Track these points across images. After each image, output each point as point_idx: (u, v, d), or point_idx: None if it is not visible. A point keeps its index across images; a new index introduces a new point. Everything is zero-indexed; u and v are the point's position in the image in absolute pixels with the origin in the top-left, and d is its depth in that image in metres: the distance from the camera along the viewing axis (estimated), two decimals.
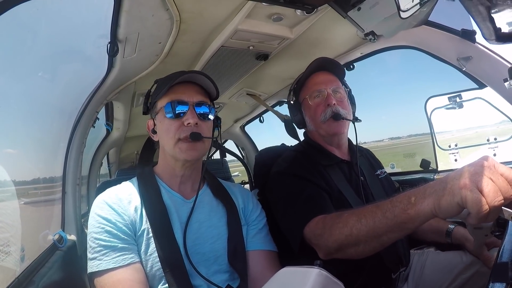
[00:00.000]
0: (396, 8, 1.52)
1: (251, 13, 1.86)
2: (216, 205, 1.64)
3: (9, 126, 1.90)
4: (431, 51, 2.20)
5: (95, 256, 1.34)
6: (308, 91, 1.96)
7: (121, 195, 1.49)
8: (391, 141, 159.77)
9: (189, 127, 1.49)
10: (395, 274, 1.77)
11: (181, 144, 1.49)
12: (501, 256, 0.89)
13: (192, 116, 1.49)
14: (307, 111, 1.99)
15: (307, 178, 1.74)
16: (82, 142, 2.44)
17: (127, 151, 5.57)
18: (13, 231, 1.72)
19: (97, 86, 2.30)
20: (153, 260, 1.39)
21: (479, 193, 0.88)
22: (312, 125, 1.99)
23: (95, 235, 1.37)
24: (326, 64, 2.00)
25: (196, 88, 1.58)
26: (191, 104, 1.52)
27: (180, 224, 1.48)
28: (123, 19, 1.70)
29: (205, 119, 1.56)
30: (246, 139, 4.93)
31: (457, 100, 2.59)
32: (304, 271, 0.81)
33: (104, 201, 1.45)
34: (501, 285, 0.77)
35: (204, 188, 1.69)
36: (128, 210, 1.44)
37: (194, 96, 1.54)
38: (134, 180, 1.63)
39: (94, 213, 1.42)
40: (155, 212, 1.46)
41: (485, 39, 1.21)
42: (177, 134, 1.49)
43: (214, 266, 1.49)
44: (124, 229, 1.39)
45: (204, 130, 1.53)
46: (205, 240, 1.51)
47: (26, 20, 1.69)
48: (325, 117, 1.87)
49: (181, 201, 1.57)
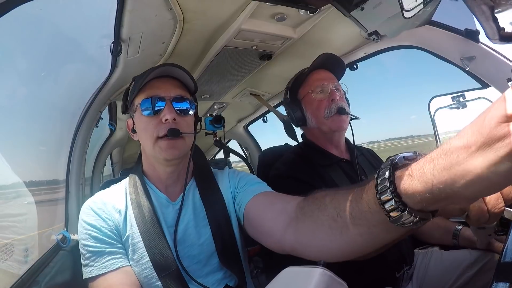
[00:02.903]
0: (399, 8, 1.52)
1: (254, 13, 1.86)
2: (200, 204, 1.55)
3: (12, 126, 1.91)
4: (435, 50, 2.19)
5: (87, 263, 1.34)
6: (311, 87, 1.96)
7: (106, 200, 1.47)
8: (369, 145, 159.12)
9: (167, 124, 1.41)
10: (399, 273, 1.77)
11: (160, 142, 1.42)
12: (505, 256, 0.89)
13: (170, 112, 1.41)
14: (309, 107, 1.99)
15: (306, 181, 1.74)
16: (86, 142, 2.45)
17: (131, 151, 5.58)
18: (16, 231, 1.73)
19: (101, 86, 2.31)
20: (141, 266, 1.37)
21: (481, 201, 0.88)
22: (313, 121, 1.98)
23: (84, 242, 1.37)
24: (330, 61, 2.00)
25: (173, 82, 1.51)
26: (168, 99, 1.44)
27: (167, 227, 1.45)
28: (126, 19, 1.70)
29: (185, 115, 1.48)
30: (249, 139, 4.93)
31: (461, 100, 2.58)
32: (308, 270, 0.81)
33: (89, 207, 1.44)
34: (505, 285, 0.77)
35: (189, 186, 1.60)
36: (112, 215, 1.43)
37: (172, 91, 1.46)
38: (124, 181, 1.60)
39: (81, 219, 1.42)
40: (143, 216, 1.42)
41: (488, 38, 1.20)
42: (155, 132, 1.42)
43: (207, 267, 1.46)
44: (110, 234, 1.38)
45: (183, 126, 1.46)
46: (193, 242, 1.46)
47: (29, 20, 1.69)
48: (330, 113, 1.87)
49: (166, 202, 1.52)
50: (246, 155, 5.05)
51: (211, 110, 3.83)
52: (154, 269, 1.36)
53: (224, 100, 3.59)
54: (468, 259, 1.75)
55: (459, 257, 1.81)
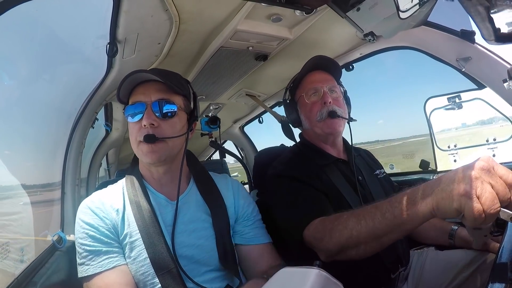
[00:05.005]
0: (395, 8, 1.52)
1: (250, 14, 1.85)
2: (203, 205, 1.59)
3: (8, 127, 1.90)
4: (431, 51, 2.20)
5: (83, 262, 1.36)
6: (304, 89, 1.96)
7: (103, 199, 1.49)
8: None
9: (145, 129, 1.43)
10: (394, 274, 1.77)
11: (141, 146, 1.45)
12: (501, 257, 0.89)
13: (147, 117, 1.43)
14: (303, 110, 1.99)
15: (304, 180, 1.73)
16: (82, 142, 2.44)
17: (126, 152, 5.56)
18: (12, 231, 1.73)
19: (96, 86, 2.30)
20: (138, 264, 1.39)
21: (477, 202, 0.88)
22: (307, 124, 1.98)
23: (80, 241, 1.39)
24: (323, 62, 2.00)
25: (156, 86, 1.50)
26: (148, 104, 1.45)
27: (166, 227, 1.46)
28: (122, 20, 1.69)
29: (168, 117, 1.48)
30: (245, 139, 4.92)
31: (457, 101, 2.59)
32: (304, 271, 0.81)
33: (87, 205, 1.45)
34: (501, 286, 0.77)
35: (190, 187, 1.65)
36: (110, 214, 1.44)
37: (153, 95, 1.47)
38: (121, 181, 1.62)
39: (78, 218, 1.43)
40: (143, 214, 1.44)
41: (484, 39, 1.21)
42: (138, 136, 1.45)
43: (204, 267, 1.48)
44: (107, 233, 1.40)
45: (164, 129, 1.46)
46: (192, 242, 1.48)
47: (24, 21, 1.69)
48: (322, 117, 1.87)
49: (165, 202, 1.54)
50: (242, 156, 5.05)
51: (207, 111, 3.83)
52: (152, 267, 1.37)
53: (220, 101, 3.58)
54: (464, 259, 1.76)
55: (455, 257, 1.81)
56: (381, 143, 42.65)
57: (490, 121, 12.02)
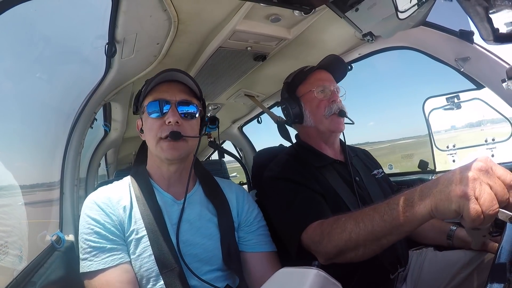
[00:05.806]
0: (394, 9, 1.52)
1: (249, 14, 1.85)
2: (208, 205, 1.63)
3: (6, 127, 1.89)
4: (429, 51, 2.20)
5: (86, 257, 1.36)
6: (313, 85, 1.96)
7: (110, 195, 1.50)
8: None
9: (170, 126, 1.48)
10: (393, 274, 1.77)
11: (162, 143, 1.49)
12: (499, 257, 0.89)
13: (173, 115, 1.48)
14: (308, 105, 1.98)
15: (301, 182, 1.73)
16: (80, 143, 2.44)
17: (125, 152, 5.56)
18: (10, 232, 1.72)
19: (95, 87, 2.30)
20: (142, 260, 1.39)
21: (476, 203, 0.87)
22: (312, 120, 1.98)
23: (85, 236, 1.39)
24: (335, 64, 2.02)
25: (180, 87, 1.58)
26: (173, 102, 1.51)
27: (171, 225, 1.48)
28: (121, 20, 1.69)
29: (189, 118, 1.55)
30: (244, 140, 4.91)
31: (455, 101, 2.59)
32: (302, 271, 0.81)
33: (94, 201, 1.46)
34: (499, 286, 0.77)
35: (195, 188, 1.68)
36: (117, 210, 1.45)
37: (177, 95, 1.53)
38: (127, 179, 1.63)
39: (84, 213, 1.44)
40: (149, 212, 1.46)
41: (483, 39, 1.21)
42: (158, 133, 1.49)
43: (207, 266, 1.49)
44: (113, 230, 1.41)
45: (186, 129, 1.52)
46: (196, 241, 1.50)
47: (23, 21, 1.68)
48: (330, 112, 1.88)
49: (172, 201, 1.56)
50: (240, 156, 5.05)
51: (205, 111, 3.83)
52: (156, 264, 1.38)
53: (218, 101, 3.58)
54: (463, 259, 1.76)
55: (453, 257, 1.81)
56: (370, 145, 42.91)
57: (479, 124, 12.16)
